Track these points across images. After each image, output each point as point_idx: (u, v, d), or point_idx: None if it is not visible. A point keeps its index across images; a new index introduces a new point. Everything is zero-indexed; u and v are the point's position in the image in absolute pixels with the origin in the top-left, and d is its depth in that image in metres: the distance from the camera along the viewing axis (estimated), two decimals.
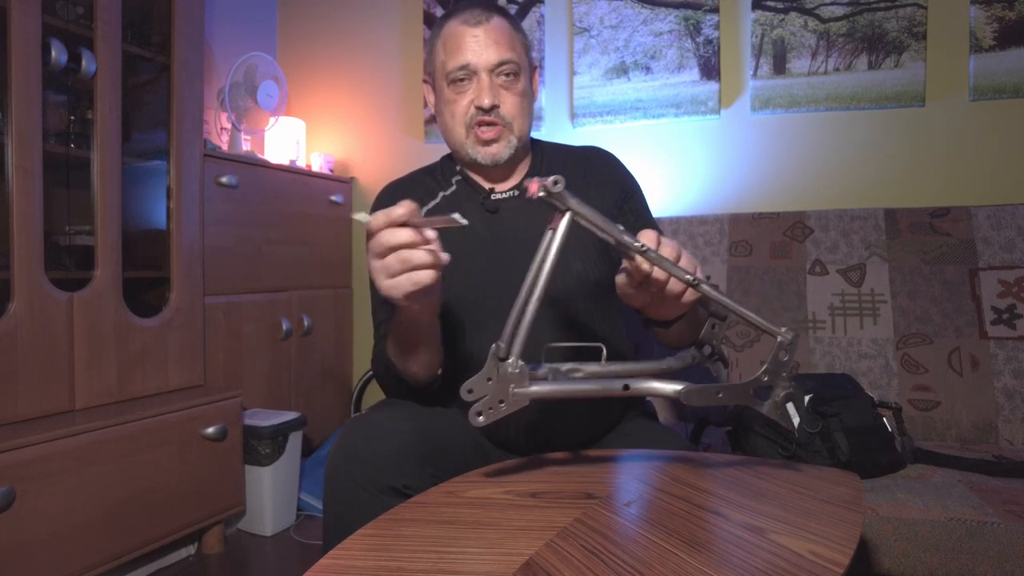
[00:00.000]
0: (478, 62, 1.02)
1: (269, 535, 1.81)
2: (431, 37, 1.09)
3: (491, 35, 1.02)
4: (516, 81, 1.05)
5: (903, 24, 1.80)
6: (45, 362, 1.38)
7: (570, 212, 0.73)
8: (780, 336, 0.75)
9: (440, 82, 1.06)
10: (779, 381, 0.76)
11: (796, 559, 0.58)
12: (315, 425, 2.15)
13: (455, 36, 1.03)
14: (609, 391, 0.76)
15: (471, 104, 1.03)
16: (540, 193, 0.71)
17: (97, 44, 1.48)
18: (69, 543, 1.30)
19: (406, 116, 2.38)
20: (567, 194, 0.72)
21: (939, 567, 1.00)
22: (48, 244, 1.40)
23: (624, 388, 0.75)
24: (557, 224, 0.74)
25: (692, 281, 0.75)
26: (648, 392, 0.75)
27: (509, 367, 0.74)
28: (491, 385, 0.75)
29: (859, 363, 1.50)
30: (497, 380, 0.74)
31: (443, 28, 1.06)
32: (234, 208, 1.90)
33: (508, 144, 1.05)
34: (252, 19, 2.43)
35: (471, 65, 1.02)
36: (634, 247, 0.74)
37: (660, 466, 0.84)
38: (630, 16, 2.06)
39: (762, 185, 1.96)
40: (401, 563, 0.60)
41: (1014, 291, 1.46)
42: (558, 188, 0.70)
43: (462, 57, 1.02)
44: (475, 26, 1.02)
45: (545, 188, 0.70)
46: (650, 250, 0.74)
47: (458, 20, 1.04)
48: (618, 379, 0.76)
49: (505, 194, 1.10)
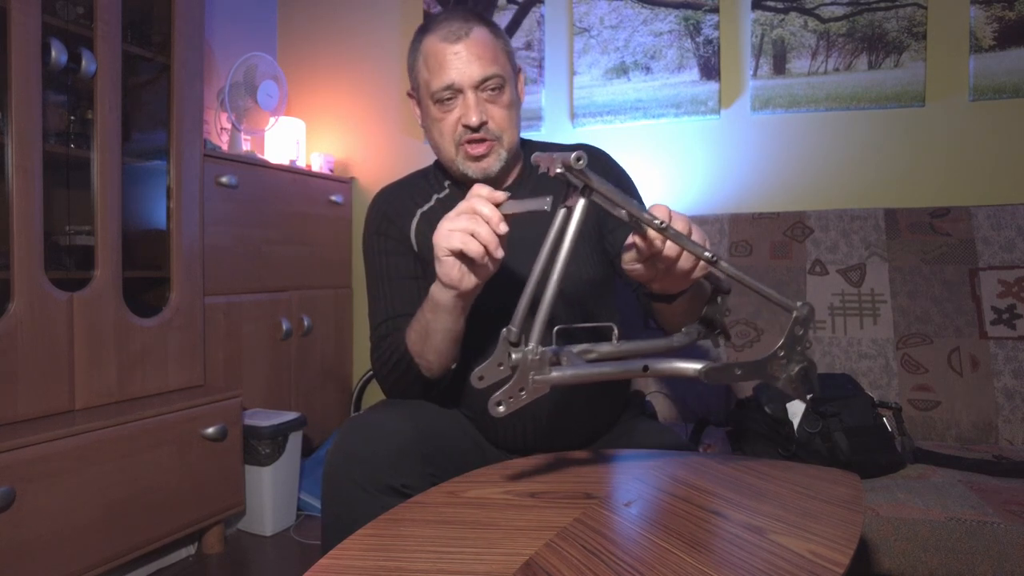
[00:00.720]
0: (462, 80, 1.00)
1: (269, 535, 1.81)
2: (411, 51, 1.07)
3: (473, 50, 1.00)
4: (502, 94, 1.03)
5: (903, 24, 1.80)
6: (45, 362, 1.38)
7: (589, 189, 0.71)
8: (796, 311, 0.74)
9: (425, 100, 1.05)
10: (794, 356, 0.75)
11: (796, 559, 0.58)
12: (315, 425, 2.15)
13: (436, 55, 1.01)
14: (629, 372, 0.75)
15: (458, 122, 1.02)
16: (558, 169, 0.69)
17: (97, 44, 1.48)
18: (69, 543, 1.30)
19: (406, 116, 2.38)
20: (588, 170, 0.69)
21: (939, 567, 1.00)
22: (48, 244, 1.40)
23: (644, 369, 0.74)
24: (575, 203, 0.72)
25: (711, 258, 0.73)
26: (668, 372, 0.74)
27: (529, 354, 0.72)
28: (504, 371, 0.73)
29: (859, 363, 1.50)
30: (512, 366, 0.72)
31: (422, 44, 1.04)
32: (234, 208, 1.90)
33: (498, 158, 1.05)
34: (252, 19, 2.43)
35: (455, 84, 1.00)
36: (653, 224, 0.72)
37: (660, 466, 0.84)
38: (630, 16, 2.06)
39: (762, 185, 1.96)
40: (401, 563, 0.60)
41: (1014, 291, 1.46)
42: (581, 164, 0.68)
43: (445, 76, 1.00)
44: (455, 42, 1.00)
45: (566, 165, 0.68)
46: (669, 227, 0.72)
47: (437, 36, 1.01)
48: (637, 360, 0.75)
49: None
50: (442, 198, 1.12)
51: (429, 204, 1.12)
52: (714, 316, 0.85)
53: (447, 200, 1.11)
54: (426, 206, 1.11)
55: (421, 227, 1.09)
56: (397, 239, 1.10)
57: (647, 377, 0.76)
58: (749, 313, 1.60)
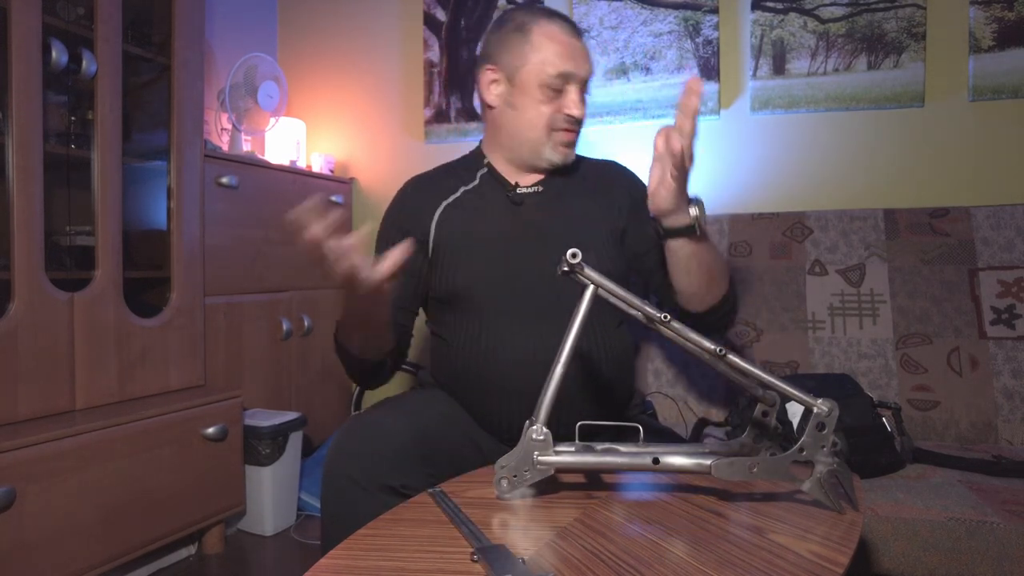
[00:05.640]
0: (579, 74, 1.08)
1: (269, 535, 1.81)
2: (512, 28, 1.10)
3: (586, 50, 1.10)
4: (586, 95, 1.13)
5: (902, 24, 1.81)
6: (46, 362, 1.38)
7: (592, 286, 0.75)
8: (816, 408, 0.70)
9: (526, 80, 1.08)
10: (819, 456, 0.70)
11: (796, 559, 0.59)
12: (315, 425, 2.15)
13: (561, 42, 1.07)
14: (638, 465, 0.74)
15: (559, 111, 1.08)
16: (564, 268, 0.73)
17: (98, 44, 1.48)
18: (69, 543, 1.30)
19: (406, 116, 2.38)
20: (585, 265, 0.74)
21: (939, 567, 1.00)
22: (48, 244, 1.40)
23: (654, 462, 0.72)
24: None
25: (719, 352, 0.73)
26: (679, 467, 0.73)
27: (533, 433, 0.73)
28: (515, 453, 0.74)
29: (859, 363, 1.50)
30: (522, 447, 0.73)
31: (538, 25, 1.08)
32: (234, 208, 1.90)
33: (575, 148, 1.14)
34: (252, 19, 2.43)
35: (575, 75, 1.07)
36: (656, 316, 0.74)
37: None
38: (630, 17, 2.06)
39: (762, 185, 1.96)
40: (401, 563, 0.60)
41: (1013, 291, 1.46)
42: (575, 260, 0.73)
43: (569, 65, 1.07)
44: (578, 38, 1.09)
45: (567, 264, 0.72)
46: (672, 321, 0.74)
47: (558, 26, 1.08)
48: (648, 454, 0.74)
49: (530, 188, 1.14)
50: (470, 189, 1.15)
51: (455, 195, 1.15)
52: (763, 422, 0.80)
53: (475, 191, 1.15)
54: (452, 197, 1.15)
55: (444, 216, 1.13)
56: (410, 233, 1.10)
57: (656, 470, 0.74)
58: (749, 313, 1.60)
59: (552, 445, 0.73)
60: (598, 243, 1.10)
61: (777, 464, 0.71)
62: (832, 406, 0.70)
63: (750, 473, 0.70)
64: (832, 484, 0.70)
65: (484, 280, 1.06)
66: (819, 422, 0.70)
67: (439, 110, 2.31)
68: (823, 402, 0.70)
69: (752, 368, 0.73)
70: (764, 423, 0.79)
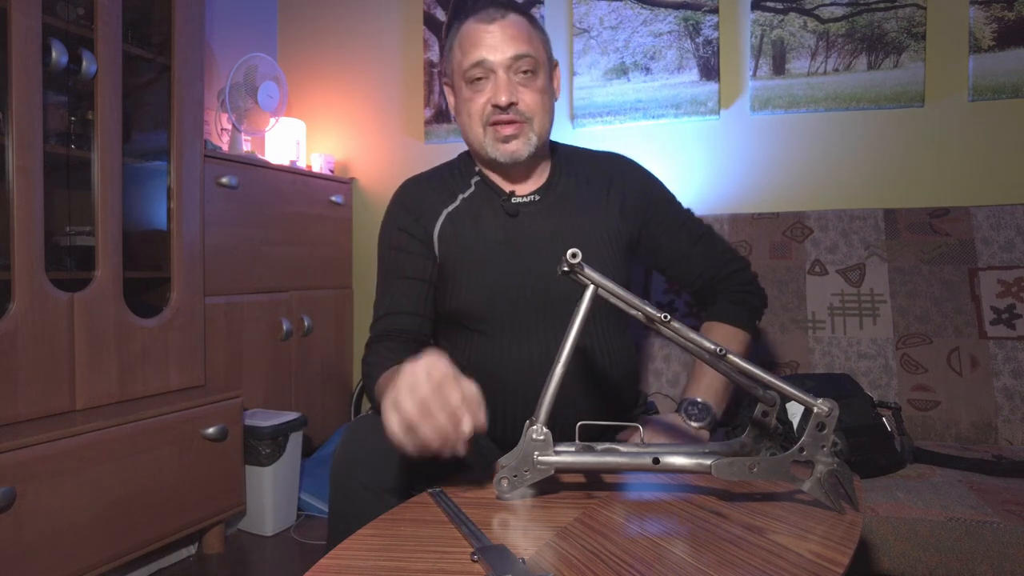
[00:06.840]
0: (493, 58, 1.01)
1: (269, 535, 1.81)
2: (448, 40, 1.09)
3: (507, 31, 1.01)
4: (535, 78, 1.03)
5: (902, 24, 1.81)
6: (46, 362, 1.38)
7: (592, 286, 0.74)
8: (816, 408, 0.70)
9: (458, 82, 1.06)
10: (820, 456, 0.70)
11: (796, 559, 0.59)
12: (315, 425, 2.15)
13: (470, 34, 1.03)
14: (638, 465, 0.74)
15: (488, 102, 1.02)
16: (564, 268, 0.73)
17: (97, 45, 1.48)
18: (69, 543, 1.30)
19: (406, 116, 2.38)
20: (585, 264, 0.73)
21: (938, 567, 1.00)
22: (49, 244, 1.40)
23: (655, 462, 0.72)
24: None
25: (719, 352, 0.73)
26: (679, 467, 0.73)
27: (533, 433, 0.72)
28: (515, 452, 0.74)
29: (859, 363, 1.50)
30: (522, 447, 0.73)
31: (459, 29, 1.06)
32: (234, 208, 1.90)
33: (527, 142, 1.04)
34: (252, 19, 2.43)
35: (486, 61, 1.01)
36: (657, 316, 0.74)
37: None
38: (630, 17, 2.06)
39: (762, 185, 1.96)
40: (401, 563, 0.60)
41: (1013, 291, 1.46)
42: (575, 260, 0.72)
43: (477, 53, 1.01)
44: (490, 23, 1.02)
45: (568, 264, 0.72)
46: (672, 321, 0.74)
47: (473, 19, 1.04)
48: (648, 454, 0.74)
49: (526, 198, 1.09)
50: (467, 197, 1.11)
51: (455, 204, 1.10)
52: (763, 422, 0.80)
53: (472, 200, 1.10)
54: (452, 206, 1.10)
55: (446, 228, 1.08)
56: (420, 238, 1.08)
57: (656, 470, 0.73)
58: None
59: (552, 445, 0.73)
60: (598, 253, 1.06)
61: (777, 464, 0.71)
62: (832, 406, 0.70)
63: (750, 473, 0.71)
64: (832, 484, 0.70)
65: (484, 299, 1.04)
66: (819, 422, 0.70)
67: (439, 110, 2.31)
68: (823, 402, 0.70)
69: (752, 368, 0.73)
70: (764, 423, 0.79)
